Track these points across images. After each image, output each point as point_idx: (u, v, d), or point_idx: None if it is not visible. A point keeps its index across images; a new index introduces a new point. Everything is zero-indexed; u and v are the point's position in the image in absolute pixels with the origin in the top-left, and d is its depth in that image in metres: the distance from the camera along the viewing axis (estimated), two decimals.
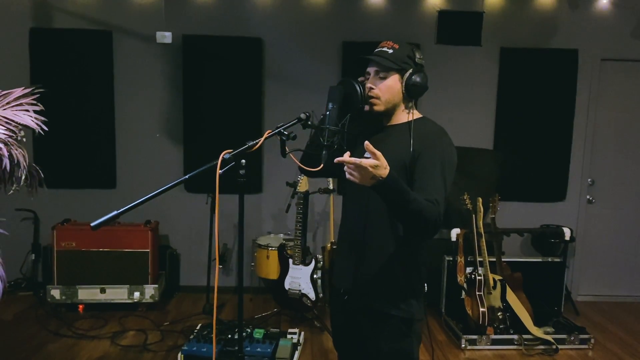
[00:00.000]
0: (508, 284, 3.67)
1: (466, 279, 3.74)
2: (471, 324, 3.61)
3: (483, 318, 3.53)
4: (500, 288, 3.64)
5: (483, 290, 3.63)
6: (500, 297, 3.64)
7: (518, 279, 3.82)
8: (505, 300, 3.64)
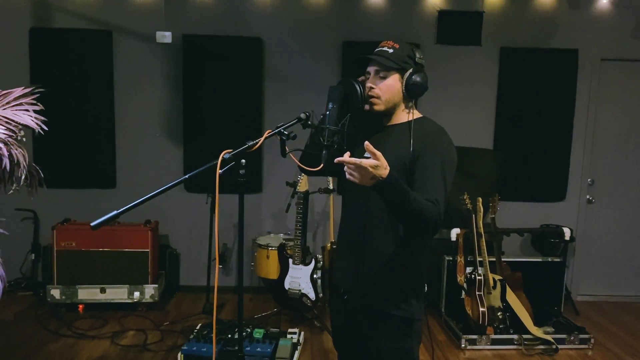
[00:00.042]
0: (508, 284, 3.67)
1: (466, 279, 3.74)
2: (471, 324, 3.61)
3: (483, 318, 3.53)
4: (500, 288, 3.64)
5: (483, 290, 3.63)
6: (500, 297, 3.64)
7: (518, 279, 3.82)
8: (505, 300, 3.64)
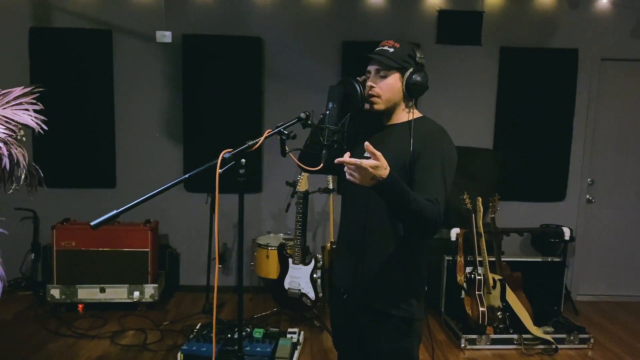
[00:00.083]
0: (508, 284, 3.67)
1: (466, 279, 3.74)
2: (471, 324, 3.61)
3: (483, 318, 3.53)
4: (499, 288, 3.64)
5: (483, 289, 3.63)
6: (499, 297, 3.64)
7: (518, 279, 3.82)
8: (504, 299, 3.64)
